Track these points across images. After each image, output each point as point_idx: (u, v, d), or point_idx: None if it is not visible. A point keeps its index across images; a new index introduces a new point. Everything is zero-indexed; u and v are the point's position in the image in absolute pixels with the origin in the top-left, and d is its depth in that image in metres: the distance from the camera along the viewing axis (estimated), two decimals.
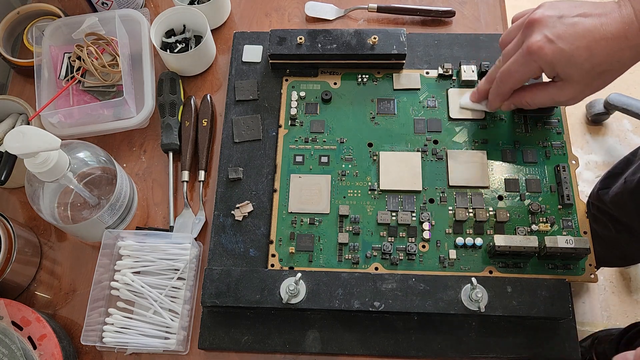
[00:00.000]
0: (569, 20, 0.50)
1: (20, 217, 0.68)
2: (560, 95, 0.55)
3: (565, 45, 0.50)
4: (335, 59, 0.67)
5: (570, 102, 0.56)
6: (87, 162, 0.63)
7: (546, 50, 0.51)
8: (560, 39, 0.50)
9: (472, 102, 0.64)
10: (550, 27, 0.51)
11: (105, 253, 0.60)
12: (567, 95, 0.54)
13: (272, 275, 0.56)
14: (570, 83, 0.53)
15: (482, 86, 0.62)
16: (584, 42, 0.49)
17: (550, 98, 0.56)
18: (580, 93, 0.54)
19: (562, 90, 0.54)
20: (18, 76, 0.76)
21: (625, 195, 0.88)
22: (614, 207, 0.92)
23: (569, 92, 0.54)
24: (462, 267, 0.58)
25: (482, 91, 0.62)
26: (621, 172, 0.93)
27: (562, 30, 0.50)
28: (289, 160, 0.64)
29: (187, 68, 0.73)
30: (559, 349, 0.55)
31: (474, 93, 0.64)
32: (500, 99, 0.59)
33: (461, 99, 0.66)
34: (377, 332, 0.57)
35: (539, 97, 0.57)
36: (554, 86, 0.55)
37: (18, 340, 0.54)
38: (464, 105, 0.65)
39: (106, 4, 0.75)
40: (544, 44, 0.51)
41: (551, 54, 0.51)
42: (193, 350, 0.59)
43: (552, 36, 0.51)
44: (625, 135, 1.47)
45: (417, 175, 0.62)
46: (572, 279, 0.57)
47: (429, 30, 0.75)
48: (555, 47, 0.50)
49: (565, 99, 0.55)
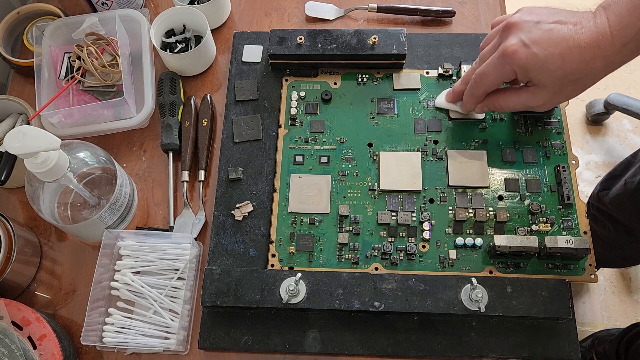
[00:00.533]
0: (545, 26, 0.51)
1: (20, 217, 0.68)
2: (532, 100, 0.55)
3: (539, 51, 0.50)
4: (335, 59, 0.67)
5: (541, 107, 0.56)
6: (87, 162, 0.63)
7: (520, 54, 0.51)
8: (535, 44, 0.51)
9: (447, 102, 0.65)
10: (526, 32, 0.52)
11: (105, 253, 0.60)
12: (539, 100, 0.55)
13: (272, 275, 0.56)
14: (542, 89, 0.54)
15: (458, 87, 0.62)
16: (557, 49, 0.50)
17: (522, 102, 0.56)
18: (551, 99, 0.54)
19: (534, 95, 0.55)
20: (18, 76, 0.76)
21: (625, 197, 0.88)
22: (614, 208, 0.92)
23: (540, 97, 0.54)
24: (462, 267, 0.58)
25: (457, 92, 0.62)
26: (621, 173, 0.93)
27: (538, 36, 0.51)
28: (289, 160, 0.64)
29: (187, 68, 0.73)
30: (559, 349, 0.55)
31: (449, 93, 0.64)
32: (474, 100, 0.60)
33: (437, 97, 0.66)
34: (377, 332, 0.57)
35: (512, 101, 0.57)
36: (526, 91, 0.55)
37: (18, 340, 0.54)
38: (439, 104, 0.66)
39: (106, 4, 0.75)
40: (518, 47, 0.51)
41: (525, 59, 0.51)
42: (193, 350, 0.59)
43: (527, 41, 0.51)
44: (625, 135, 1.47)
45: (417, 175, 0.62)
46: (572, 279, 0.57)
47: (429, 30, 0.75)
48: (530, 52, 0.51)
49: (536, 104, 0.56)
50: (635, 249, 0.97)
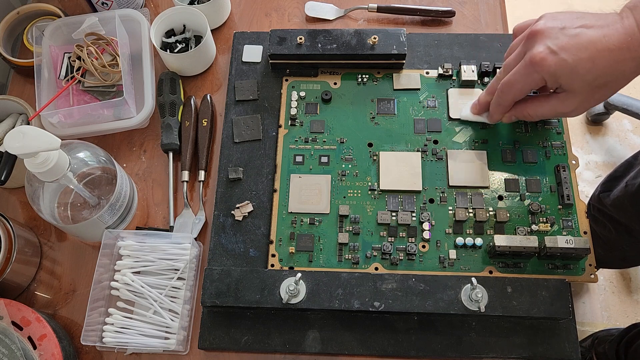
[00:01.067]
0: (571, 31, 0.50)
1: (20, 217, 0.68)
2: (563, 106, 0.54)
3: (568, 57, 0.50)
4: (335, 59, 0.67)
5: (572, 113, 0.55)
6: (87, 162, 0.63)
7: (549, 61, 0.51)
8: (563, 50, 0.50)
9: (472, 114, 0.64)
10: (552, 39, 0.51)
11: (105, 253, 0.60)
12: (570, 106, 0.54)
13: (272, 275, 0.56)
14: (572, 94, 0.53)
15: (483, 98, 0.62)
16: (586, 54, 0.49)
17: (552, 109, 0.56)
18: (583, 104, 0.54)
19: (564, 101, 0.54)
20: (18, 76, 0.76)
21: (626, 199, 0.88)
22: (614, 210, 0.92)
23: (571, 103, 0.54)
24: (462, 267, 0.58)
25: (483, 103, 0.62)
26: (622, 175, 0.93)
27: (565, 42, 0.50)
28: (289, 160, 0.64)
29: (187, 68, 0.73)
30: (559, 349, 0.55)
31: (474, 105, 0.63)
32: (502, 110, 0.59)
33: (462, 110, 0.65)
34: (377, 332, 0.57)
35: (542, 109, 0.56)
36: (556, 98, 0.55)
37: (18, 340, 0.54)
38: (465, 117, 0.65)
39: (106, 4, 0.75)
40: (546, 55, 0.51)
41: (554, 65, 0.50)
42: (193, 350, 0.59)
43: (554, 47, 0.50)
44: (625, 135, 1.47)
45: (417, 175, 0.62)
46: (572, 279, 0.57)
47: (429, 30, 0.75)
48: (558, 58, 0.50)
49: (567, 110, 0.55)
50: (635, 250, 0.97)
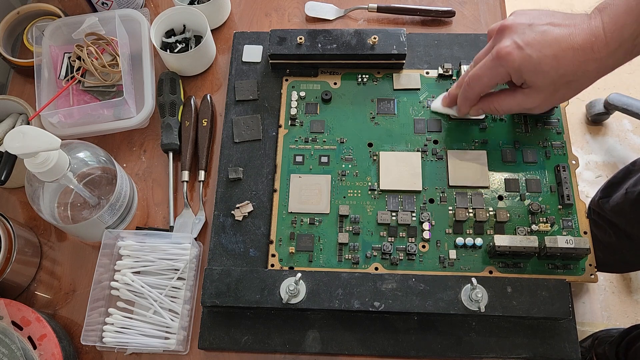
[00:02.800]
0: (538, 28, 0.51)
1: (20, 217, 0.68)
2: (527, 102, 0.55)
3: (533, 53, 0.50)
4: (335, 59, 0.67)
5: (536, 109, 0.56)
6: (87, 162, 0.63)
7: (514, 55, 0.51)
8: (528, 46, 0.51)
9: (442, 106, 0.64)
10: (519, 34, 0.52)
11: (105, 253, 0.60)
12: (533, 102, 0.55)
13: (272, 275, 0.56)
14: (536, 90, 0.54)
15: (453, 91, 0.62)
16: (551, 51, 0.50)
17: (517, 104, 0.56)
18: (546, 101, 0.54)
19: (528, 97, 0.55)
20: (18, 76, 0.76)
21: (626, 206, 0.88)
22: (614, 215, 0.93)
23: (535, 99, 0.54)
24: (462, 267, 0.58)
25: (452, 95, 0.62)
26: (621, 181, 0.93)
27: (531, 38, 0.51)
28: (289, 160, 0.64)
29: (187, 68, 0.73)
30: (559, 349, 0.55)
31: (444, 98, 0.64)
32: (469, 103, 0.59)
33: (433, 102, 0.65)
34: (377, 332, 0.57)
35: (506, 103, 0.57)
36: (521, 93, 0.55)
37: (18, 340, 0.54)
38: (435, 108, 0.65)
39: (106, 4, 0.75)
40: (512, 49, 0.51)
41: (519, 60, 0.51)
42: (193, 350, 0.59)
43: (521, 42, 0.51)
44: (625, 135, 1.47)
45: (417, 175, 0.62)
46: (572, 279, 0.57)
47: (429, 30, 0.75)
48: (523, 54, 0.51)
49: (531, 105, 0.56)
50: (635, 255, 0.97)
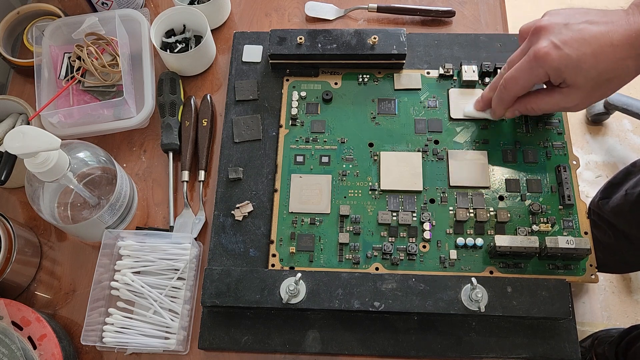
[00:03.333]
0: (575, 27, 0.51)
1: (20, 217, 0.67)
2: (566, 101, 0.55)
3: (572, 51, 0.50)
4: (335, 59, 0.67)
5: (575, 108, 0.56)
6: (87, 162, 0.63)
7: (553, 55, 0.51)
8: (566, 45, 0.50)
9: (476, 110, 0.64)
10: (556, 34, 0.51)
11: (105, 253, 0.60)
12: (573, 101, 0.54)
13: (272, 275, 0.56)
14: (575, 89, 0.53)
15: (486, 94, 0.62)
16: (590, 49, 0.49)
17: (555, 104, 0.56)
18: (585, 99, 0.54)
19: (567, 96, 0.54)
20: (18, 76, 0.76)
21: (625, 207, 0.88)
22: (613, 216, 0.93)
23: (574, 98, 0.54)
24: (463, 267, 0.58)
25: (486, 99, 0.62)
26: (621, 182, 0.93)
27: (569, 37, 0.50)
28: (289, 160, 0.64)
29: (187, 68, 0.73)
30: (559, 349, 0.55)
31: (478, 101, 0.63)
32: (504, 105, 0.59)
33: (465, 107, 0.65)
34: (377, 332, 0.57)
35: (544, 103, 0.56)
36: (559, 92, 0.55)
37: (18, 340, 0.54)
38: (468, 114, 0.65)
39: (106, 4, 0.75)
40: (550, 49, 0.51)
41: (558, 60, 0.51)
42: (193, 350, 0.59)
43: (558, 42, 0.51)
44: (625, 135, 1.47)
45: (417, 176, 0.62)
46: (572, 279, 0.57)
47: (429, 30, 0.75)
48: (562, 53, 0.50)
49: (570, 105, 0.55)
50: (635, 256, 0.97)
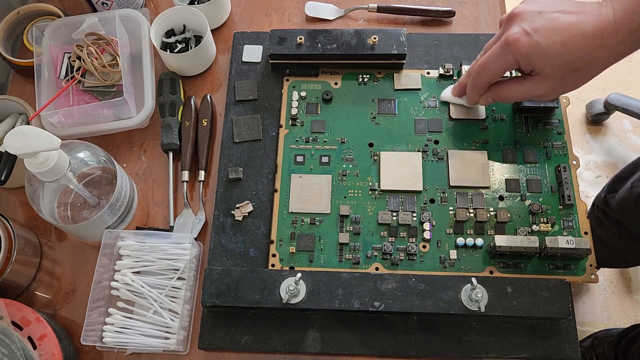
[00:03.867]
0: (547, 15, 0.51)
1: (20, 217, 0.67)
2: (536, 89, 0.55)
3: (541, 39, 0.51)
4: (335, 59, 0.67)
5: (545, 97, 0.56)
6: (87, 162, 0.63)
7: (522, 42, 0.51)
8: (537, 33, 0.51)
9: (452, 95, 0.64)
10: (528, 21, 0.52)
11: (105, 253, 0.60)
12: (542, 89, 0.55)
13: (272, 275, 0.56)
14: (545, 77, 0.53)
15: (463, 80, 0.62)
16: (559, 37, 0.50)
17: (525, 92, 0.56)
18: (555, 88, 0.54)
19: (537, 84, 0.55)
20: (18, 76, 0.76)
21: (631, 201, 0.88)
22: (619, 211, 0.92)
23: (544, 86, 0.54)
24: (463, 267, 0.58)
25: (462, 85, 0.62)
26: (628, 176, 0.93)
27: (540, 25, 0.51)
28: (289, 160, 0.64)
29: (187, 68, 0.73)
30: (559, 349, 0.55)
31: (454, 87, 0.64)
32: (477, 91, 0.59)
33: (442, 92, 0.66)
34: (377, 332, 0.57)
35: (515, 91, 0.57)
36: (530, 80, 0.55)
37: (18, 340, 0.54)
38: (444, 98, 0.65)
39: (106, 4, 0.75)
40: (520, 36, 0.52)
41: (527, 47, 0.51)
42: (193, 350, 0.59)
43: (529, 29, 0.51)
44: (625, 135, 1.47)
45: (417, 176, 0.62)
46: (572, 279, 0.57)
47: (429, 30, 0.75)
48: (532, 40, 0.51)
49: (540, 93, 0.55)
50: (636, 255, 0.97)
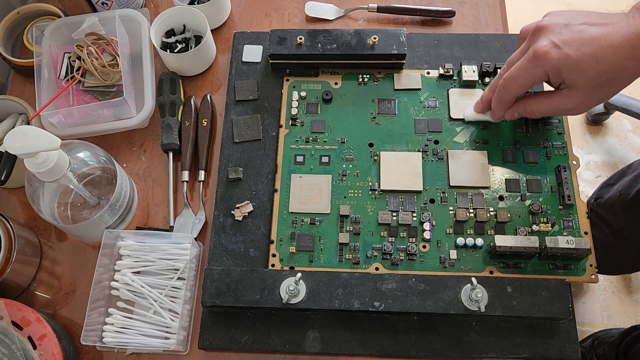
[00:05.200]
0: (575, 27, 0.51)
1: (20, 217, 0.67)
2: (565, 103, 0.54)
3: (572, 51, 0.50)
4: (335, 59, 0.67)
5: (574, 110, 0.55)
6: (87, 162, 0.63)
7: (552, 55, 0.51)
8: (566, 45, 0.50)
9: (476, 112, 0.64)
10: (556, 33, 0.51)
11: (105, 253, 0.60)
12: (572, 103, 0.54)
13: (272, 275, 0.56)
14: (575, 90, 0.53)
15: (486, 95, 0.61)
16: (590, 49, 0.49)
17: (555, 106, 0.55)
18: (585, 101, 0.53)
19: (567, 98, 0.54)
20: (18, 76, 0.76)
21: (618, 206, 0.88)
22: (608, 215, 0.93)
23: (574, 99, 0.53)
24: (463, 267, 0.58)
25: (485, 100, 0.62)
26: (615, 182, 0.93)
27: (569, 37, 0.50)
28: (289, 160, 0.64)
29: (187, 68, 0.73)
30: (559, 349, 0.55)
31: (477, 103, 0.63)
32: (504, 106, 0.59)
33: (465, 110, 0.65)
34: (377, 332, 0.57)
35: (544, 105, 0.56)
36: (559, 94, 0.54)
37: (18, 340, 0.54)
38: (468, 117, 0.64)
39: (106, 4, 0.75)
40: (550, 48, 0.51)
41: (557, 59, 0.51)
42: (193, 350, 0.59)
43: (558, 42, 0.51)
44: (625, 135, 1.47)
45: (417, 176, 0.62)
46: (572, 279, 0.57)
47: (429, 30, 0.75)
48: (562, 52, 0.50)
49: (570, 106, 0.54)
50: (631, 255, 0.97)
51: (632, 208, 0.86)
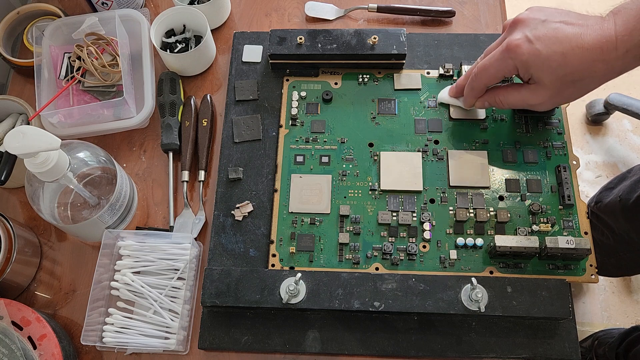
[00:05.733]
0: (551, 24, 0.51)
1: (20, 217, 0.67)
2: (532, 98, 0.55)
3: (542, 47, 0.51)
4: (335, 59, 0.67)
5: (541, 106, 0.56)
6: (87, 162, 0.63)
7: (523, 49, 0.52)
8: (539, 41, 0.51)
9: (449, 96, 0.64)
10: (532, 28, 0.52)
11: (105, 253, 0.60)
12: (539, 99, 0.55)
13: (272, 275, 0.56)
14: (542, 87, 0.54)
15: (461, 81, 0.62)
16: (560, 48, 0.50)
17: (522, 99, 0.56)
18: (551, 99, 0.54)
19: (534, 93, 0.55)
20: (18, 76, 0.76)
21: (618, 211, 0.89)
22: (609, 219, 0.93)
23: (540, 96, 0.55)
24: (463, 267, 0.58)
25: (459, 86, 0.62)
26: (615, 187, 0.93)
27: (543, 33, 0.51)
28: (289, 160, 0.64)
29: (187, 68, 0.73)
30: (559, 349, 0.55)
31: (452, 88, 0.64)
32: (475, 94, 0.60)
33: (440, 92, 0.66)
34: (377, 332, 0.57)
35: (511, 97, 0.57)
36: (527, 88, 0.56)
37: (18, 340, 0.54)
38: (441, 99, 0.65)
39: (106, 4, 0.75)
40: (522, 42, 0.52)
41: (527, 54, 0.52)
42: (193, 350, 0.59)
43: (532, 37, 0.51)
44: (625, 135, 1.47)
45: (417, 176, 0.62)
46: (572, 279, 0.57)
47: (429, 30, 0.75)
48: (533, 48, 0.51)
49: (536, 102, 0.56)
50: (631, 258, 0.97)
51: (633, 213, 0.86)
